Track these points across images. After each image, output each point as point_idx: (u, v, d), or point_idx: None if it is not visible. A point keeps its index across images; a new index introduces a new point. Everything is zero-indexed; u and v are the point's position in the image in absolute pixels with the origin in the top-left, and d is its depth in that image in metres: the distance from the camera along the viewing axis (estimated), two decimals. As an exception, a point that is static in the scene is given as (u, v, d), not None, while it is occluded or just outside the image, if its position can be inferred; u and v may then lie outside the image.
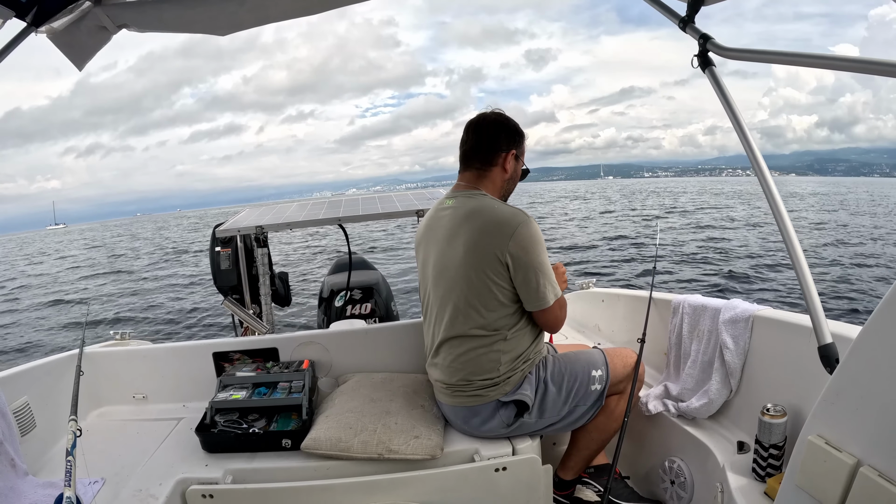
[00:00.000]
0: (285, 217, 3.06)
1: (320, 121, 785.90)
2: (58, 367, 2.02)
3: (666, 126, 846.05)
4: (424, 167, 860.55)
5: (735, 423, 1.71)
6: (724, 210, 27.55)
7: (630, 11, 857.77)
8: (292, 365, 2.06)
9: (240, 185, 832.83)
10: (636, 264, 12.39)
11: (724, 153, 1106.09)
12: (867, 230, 18.44)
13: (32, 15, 1.57)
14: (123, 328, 2.65)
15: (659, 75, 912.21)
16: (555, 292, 1.64)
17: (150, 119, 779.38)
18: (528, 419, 1.68)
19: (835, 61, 1.10)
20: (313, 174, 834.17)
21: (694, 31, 1.45)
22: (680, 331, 1.95)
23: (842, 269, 10.97)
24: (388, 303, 3.69)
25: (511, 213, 1.61)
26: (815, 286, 1.24)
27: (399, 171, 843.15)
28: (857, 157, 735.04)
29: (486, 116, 1.75)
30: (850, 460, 0.90)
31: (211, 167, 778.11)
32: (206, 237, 4.49)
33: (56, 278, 20.46)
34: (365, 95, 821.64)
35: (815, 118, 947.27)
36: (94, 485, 1.57)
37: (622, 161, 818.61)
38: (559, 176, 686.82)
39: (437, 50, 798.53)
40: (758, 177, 1.33)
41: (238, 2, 1.67)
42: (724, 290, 9.48)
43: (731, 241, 15.17)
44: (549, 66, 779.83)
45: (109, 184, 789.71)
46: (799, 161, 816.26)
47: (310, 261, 15.41)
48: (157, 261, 22.03)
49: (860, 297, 8.78)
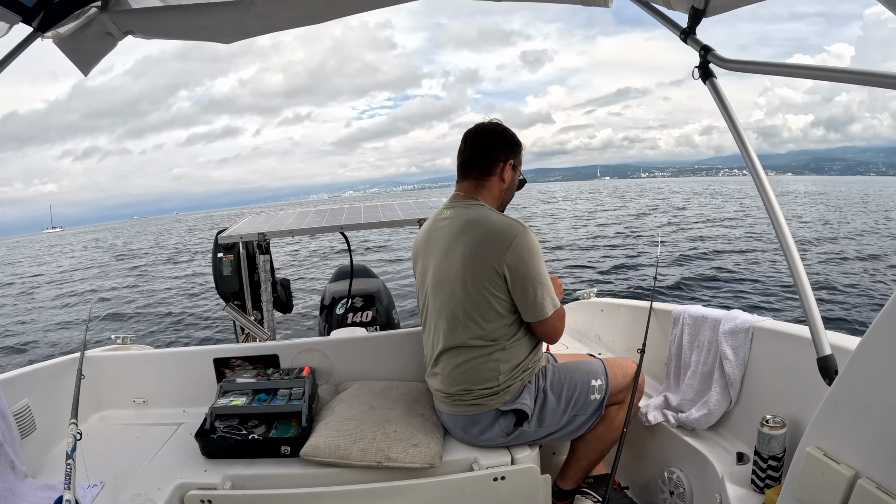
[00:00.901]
0: (287, 224, 3.07)
1: (317, 123, 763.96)
2: (59, 370, 2.03)
3: (662, 126, 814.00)
4: (421, 169, 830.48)
5: (734, 434, 1.71)
6: (724, 214, 27.58)
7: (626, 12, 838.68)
8: (293, 372, 2.07)
9: (237, 188, 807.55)
10: (636, 273, 12.38)
11: (720, 153, 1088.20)
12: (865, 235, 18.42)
13: (39, 20, 1.59)
14: (125, 333, 2.66)
15: (655, 76, 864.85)
16: (553, 303, 1.64)
17: (147, 122, 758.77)
18: (528, 428, 1.67)
19: (835, 73, 1.11)
20: (310, 176, 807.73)
21: (695, 42, 1.46)
22: (680, 341, 1.95)
23: (842, 278, 10.95)
24: (390, 311, 3.69)
25: (508, 225, 1.61)
26: (814, 297, 1.24)
27: (396, 172, 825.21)
28: (854, 156, 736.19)
29: (484, 126, 1.76)
30: (848, 472, 0.90)
31: (208, 170, 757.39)
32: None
33: (57, 281, 20.51)
34: (361, 98, 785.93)
35: (810, 117, 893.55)
36: (93, 488, 1.57)
37: (619, 162, 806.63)
38: (556, 177, 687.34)
39: (433, 52, 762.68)
40: (759, 192, 1.33)
41: (243, 10, 1.69)
42: (725, 301, 9.45)
43: (732, 252, 15.15)
44: (546, 68, 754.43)
45: (106, 187, 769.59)
46: (795, 160, 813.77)
47: (313, 267, 15.42)
48: (159, 264, 22.07)
49: (860, 308, 8.76)
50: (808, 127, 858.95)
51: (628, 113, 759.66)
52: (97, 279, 19.48)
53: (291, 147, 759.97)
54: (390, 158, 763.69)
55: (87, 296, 15.77)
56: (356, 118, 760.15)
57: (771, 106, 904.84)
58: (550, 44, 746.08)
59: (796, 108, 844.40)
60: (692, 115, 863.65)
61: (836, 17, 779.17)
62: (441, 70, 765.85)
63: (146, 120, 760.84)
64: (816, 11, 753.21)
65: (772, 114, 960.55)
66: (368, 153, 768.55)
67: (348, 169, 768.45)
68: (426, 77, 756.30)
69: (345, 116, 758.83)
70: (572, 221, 27.77)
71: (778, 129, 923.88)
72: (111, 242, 47.78)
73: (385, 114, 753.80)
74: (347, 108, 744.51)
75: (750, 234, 18.35)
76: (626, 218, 28.32)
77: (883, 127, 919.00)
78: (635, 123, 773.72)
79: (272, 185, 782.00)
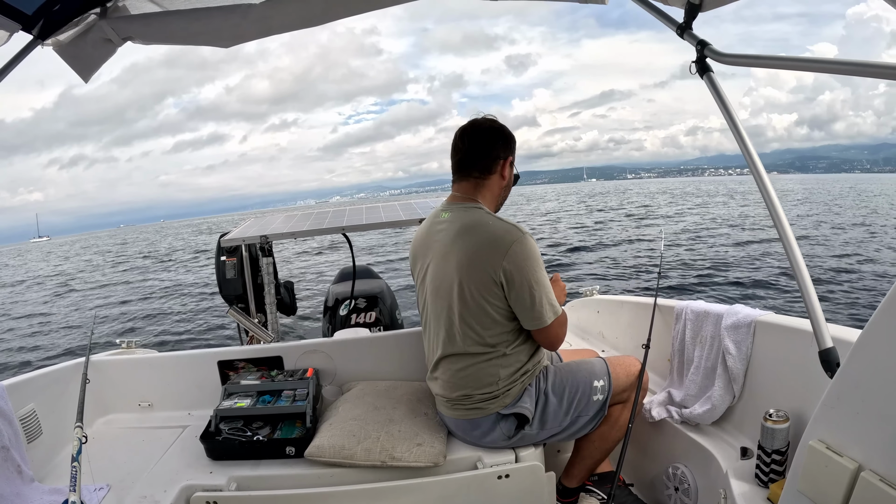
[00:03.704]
0: (289, 226, 3.08)
1: (303, 129, 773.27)
2: (64, 375, 2.04)
3: (647, 128, 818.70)
4: (408, 173, 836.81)
5: (738, 429, 1.70)
6: (719, 212, 27.58)
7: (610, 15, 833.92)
8: (297, 373, 2.07)
9: (224, 195, 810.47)
10: (639, 271, 12.36)
11: (705, 153, 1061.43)
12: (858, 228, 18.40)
13: (39, 28, 1.59)
14: (130, 337, 2.67)
15: (639, 78, 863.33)
16: (553, 310, 1.60)
17: (134, 130, 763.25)
18: (530, 431, 1.67)
19: (832, 65, 1.11)
20: (297, 182, 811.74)
21: (691, 37, 1.46)
22: (683, 337, 1.95)
23: (840, 272, 10.92)
24: (393, 311, 3.70)
25: (505, 230, 1.57)
26: (814, 290, 1.24)
27: (383, 177, 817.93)
28: (838, 154, 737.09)
29: (480, 123, 1.70)
30: (851, 465, 0.89)
31: (195, 177, 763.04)
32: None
33: (58, 286, 20.61)
34: (348, 103, 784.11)
35: (795, 116, 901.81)
36: (99, 491, 1.58)
37: (605, 163, 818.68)
38: (542, 179, 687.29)
39: (418, 57, 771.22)
40: (757, 182, 1.33)
41: (241, 14, 1.69)
42: (727, 296, 9.43)
43: (732, 247, 15.11)
44: (530, 71, 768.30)
45: (93, 195, 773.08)
46: (780, 159, 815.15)
47: (319, 272, 15.46)
48: (160, 269, 22.14)
49: (860, 299, 8.72)
50: (793, 126, 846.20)
51: (613, 115, 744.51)
52: (100, 285, 19.56)
53: (278, 153, 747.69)
54: (377, 163, 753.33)
55: (91, 301, 15.84)
56: (343, 123, 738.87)
57: (756, 106, 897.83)
58: (535, 47, 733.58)
59: (780, 108, 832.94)
60: (677, 117, 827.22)
61: (819, 17, 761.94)
62: (427, 75, 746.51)
63: (133, 127, 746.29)
64: (799, 11, 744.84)
65: (756, 113, 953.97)
66: (355, 158, 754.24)
67: (335, 174, 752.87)
68: (412, 82, 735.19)
69: (331, 122, 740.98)
70: (571, 221, 27.80)
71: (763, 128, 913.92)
72: (106, 249, 47.99)
73: (371, 119, 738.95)
74: (334, 114, 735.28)
75: (750, 228, 18.32)
76: (625, 217, 28.35)
77: (866, 125, 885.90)
78: (620, 125, 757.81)
79: (259, 191, 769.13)
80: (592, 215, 30.95)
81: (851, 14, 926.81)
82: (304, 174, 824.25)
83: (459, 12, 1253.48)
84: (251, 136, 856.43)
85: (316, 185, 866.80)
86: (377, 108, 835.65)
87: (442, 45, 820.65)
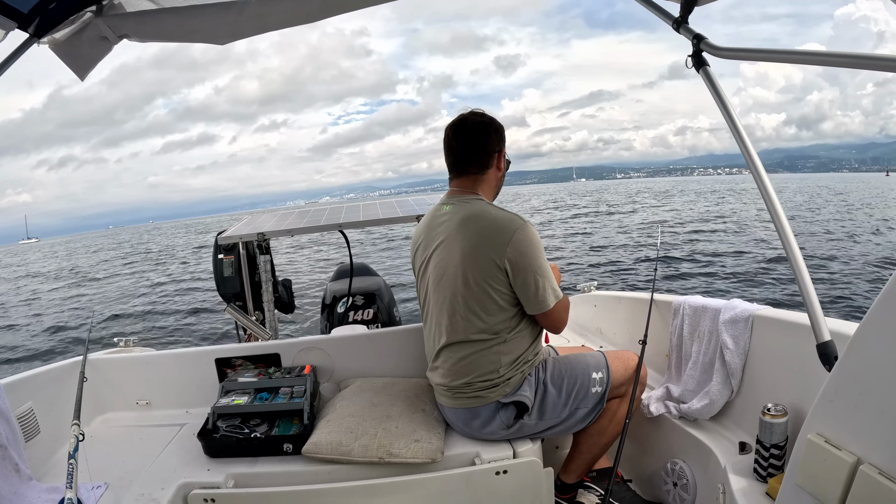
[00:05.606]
0: (286, 224, 3.07)
1: (293, 129, 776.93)
2: (62, 373, 2.03)
3: (636, 128, 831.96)
4: (397, 173, 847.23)
5: (737, 424, 1.70)
6: (720, 209, 27.67)
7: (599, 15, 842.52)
8: (294, 370, 2.07)
9: (213, 196, 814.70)
10: (636, 267, 12.38)
11: (694, 153, 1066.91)
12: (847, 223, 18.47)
13: (34, 26, 1.59)
14: (127, 335, 2.66)
15: (627, 78, 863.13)
16: (556, 294, 1.65)
17: (123, 131, 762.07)
18: (528, 420, 1.67)
19: (829, 58, 1.11)
20: (287, 183, 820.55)
21: (688, 31, 1.46)
22: (681, 332, 1.95)
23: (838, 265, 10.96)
24: (391, 308, 3.69)
25: (508, 219, 1.61)
26: (812, 284, 1.24)
27: (372, 178, 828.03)
28: (826, 154, 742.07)
29: (470, 119, 1.73)
30: (849, 458, 0.89)
31: (184, 178, 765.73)
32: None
33: (56, 285, 20.57)
34: (337, 104, 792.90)
35: (783, 116, 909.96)
36: (97, 489, 1.58)
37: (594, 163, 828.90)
38: (532, 179, 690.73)
39: (408, 57, 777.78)
40: (753, 175, 1.33)
41: (237, 11, 1.69)
42: (725, 290, 9.45)
43: (729, 241, 15.15)
44: (520, 71, 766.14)
45: (82, 197, 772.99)
46: (769, 159, 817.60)
47: (316, 269, 15.44)
48: (159, 268, 22.11)
49: (857, 292, 8.74)
50: (781, 126, 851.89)
51: (602, 115, 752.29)
52: (98, 283, 19.53)
53: (268, 154, 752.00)
54: (366, 164, 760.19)
55: (89, 299, 15.82)
56: (332, 124, 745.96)
57: (745, 106, 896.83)
58: (524, 48, 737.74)
59: (769, 108, 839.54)
60: (666, 116, 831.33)
61: (807, 18, 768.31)
62: (416, 75, 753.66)
63: (122, 128, 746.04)
64: (788, 12, 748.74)
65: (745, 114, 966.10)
66: (344, 159, 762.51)
67: (324, 175, 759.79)
68: (401, 82, 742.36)
69: (321, 122, 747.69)
70: (571, 220, 27.85)
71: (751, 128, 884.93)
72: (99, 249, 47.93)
73: (361, 119, 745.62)
74: (323, 114, 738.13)
75: (747, 223, 18.36)
76: (624, 217, 28.40)
77: (854, 124, 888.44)
78: (610, 125, 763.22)
79: (249, 192, 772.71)
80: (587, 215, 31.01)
81: (839, 15, 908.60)
82: (294, 175, 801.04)
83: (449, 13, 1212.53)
84: (240, 136, 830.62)
85: (305, 185, 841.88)
86: (367, 108, 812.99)
87: (431, 46, 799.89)
